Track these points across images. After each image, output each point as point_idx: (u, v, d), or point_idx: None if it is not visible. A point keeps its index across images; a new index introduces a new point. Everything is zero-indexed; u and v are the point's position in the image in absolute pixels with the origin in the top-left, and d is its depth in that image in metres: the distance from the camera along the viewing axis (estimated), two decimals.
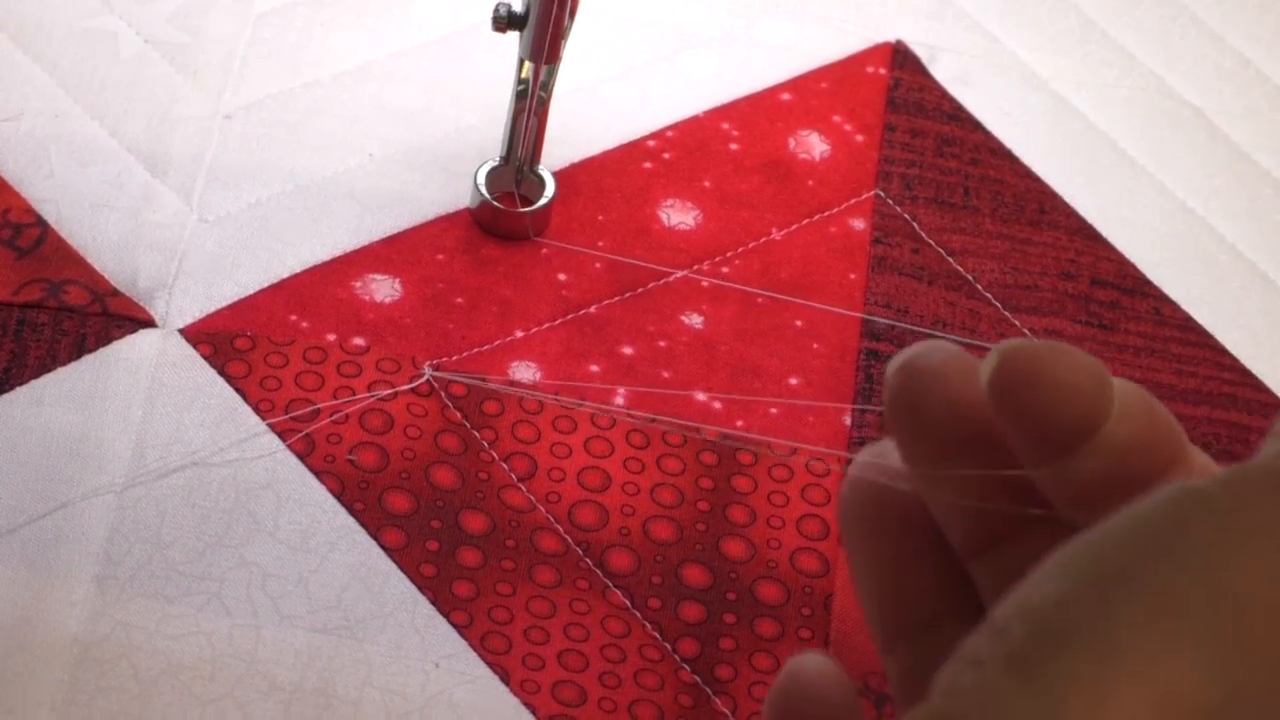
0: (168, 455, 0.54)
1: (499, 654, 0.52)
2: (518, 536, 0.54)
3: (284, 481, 0.54)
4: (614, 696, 0.52)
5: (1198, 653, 0.24)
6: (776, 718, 0.31)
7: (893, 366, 0.31)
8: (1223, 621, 0.24)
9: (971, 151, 0.67)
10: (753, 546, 0.55)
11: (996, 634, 0.25)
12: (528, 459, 0.56)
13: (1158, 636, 0.24)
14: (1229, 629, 0.24)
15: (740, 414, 0.58)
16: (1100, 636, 0.24)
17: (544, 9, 0.56)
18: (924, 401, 0.31)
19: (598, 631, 0.53)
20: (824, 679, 0.31)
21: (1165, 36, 0.73)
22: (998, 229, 0.65)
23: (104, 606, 0.50)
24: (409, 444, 0.55)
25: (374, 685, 0.50)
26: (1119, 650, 0.24)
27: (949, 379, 0.31)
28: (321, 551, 0.53)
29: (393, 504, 0.54)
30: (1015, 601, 0.25)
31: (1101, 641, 0.24)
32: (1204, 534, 0.25)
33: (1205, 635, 0.24)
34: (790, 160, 0.65)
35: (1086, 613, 0.24)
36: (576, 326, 0.59)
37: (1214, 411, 0.62)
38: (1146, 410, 0.29)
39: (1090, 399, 0.29)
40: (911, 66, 0.69)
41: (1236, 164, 0.70)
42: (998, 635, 0.25)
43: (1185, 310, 0.65)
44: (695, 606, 0.54)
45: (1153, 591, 0.24)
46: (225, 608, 0.51)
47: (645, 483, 0.56)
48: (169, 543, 0.52)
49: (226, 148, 0.62)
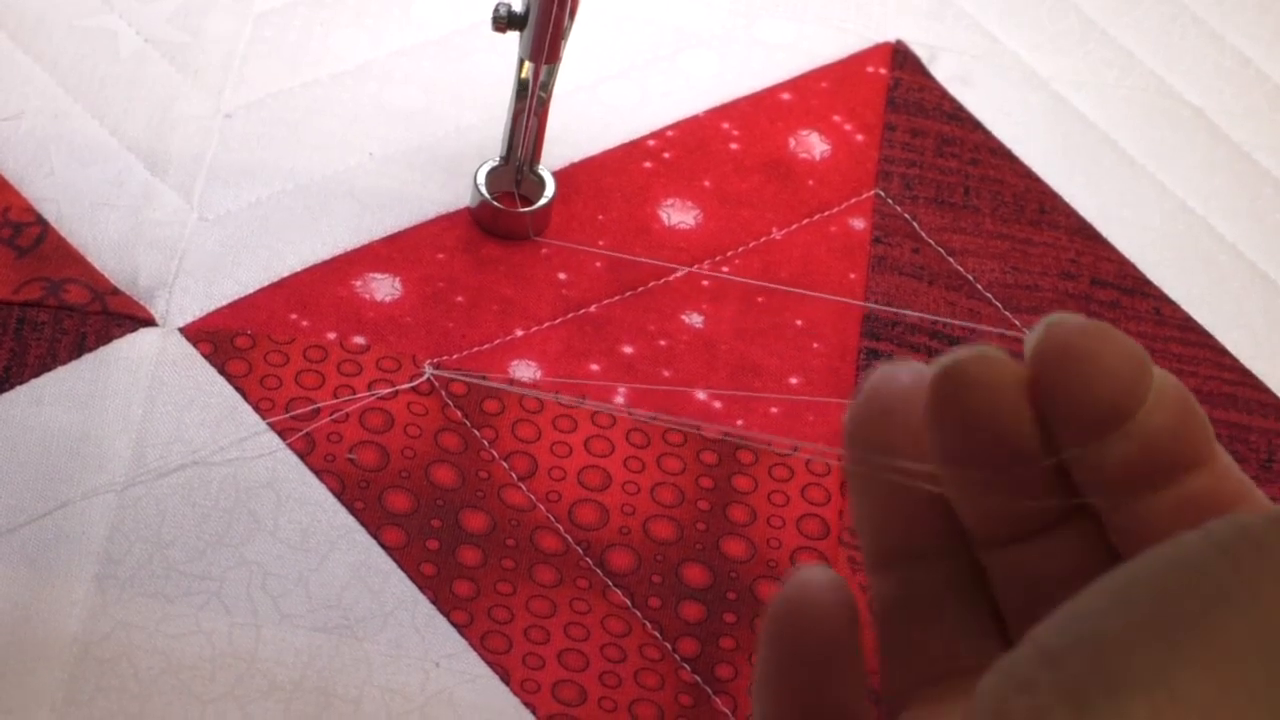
0: (168, 454, 0.54)
1: (499, 653, 0.52)
2: (518, 535, 0.54)
3: (284, 480, 0.54)
4: (614, 696, 0.51)
5: (1253, 706, 0.24)
6: (777, 627, 0.31)
7: (936, 369, 0.31)
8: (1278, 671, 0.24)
9: (971, 151, 0.67)
10: (753, 546, 0.55)
11: (1049, 660, 0.25)
12: (528, 458, 0.56)
13: (1214, 687, 0.24)
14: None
15: (741, 413, 0.58)
16: (1157, 682, 0.24)
17: (544, 9, 0.56)
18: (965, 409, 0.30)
19: (598, 631, 0.53)
20: (827, 592, 0.31)
21: (1165, 36, 0.73)
22: (998, 229, 0.65)
23: (104, 605, 0.50)
24: (409, 443, 0.55)
25: (374, 684, 0.50)
26: (1175, 700, 0.23)
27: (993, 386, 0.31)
28: (322, 550, 0.53)
29: (393, 503, 0.54)
30: (1068, 629, 0.25)
31: (1158, 688, 0.24)
32: (1258, 579, 0.24)
33: (1261, 687, 0.24)
34: (790, 160, 0.65)
35: (1144, 656, 0.24)
36: (577, 325, 0.59)
37: (1214, 411, 0.62)
38: (1181, 402, 0.29)
39: (1130, 383, 0.29)
40: (911, 66, 0.69)
41: (1236, 164, 0.70)
42: (1051, 662, 0.25)
43: (1185, 310, 0.65)
44: (695, 606, 0.54)
45: (1209, 639, 0.24)
46: (225, 607, 0.51)
47: (645, 482, 0.56)
48: (169, 542, 0.52)
49: (227, 146, 0.62)
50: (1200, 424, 0.29)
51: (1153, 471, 0.29)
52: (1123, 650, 0.24)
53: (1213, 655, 0.24)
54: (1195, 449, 0.29)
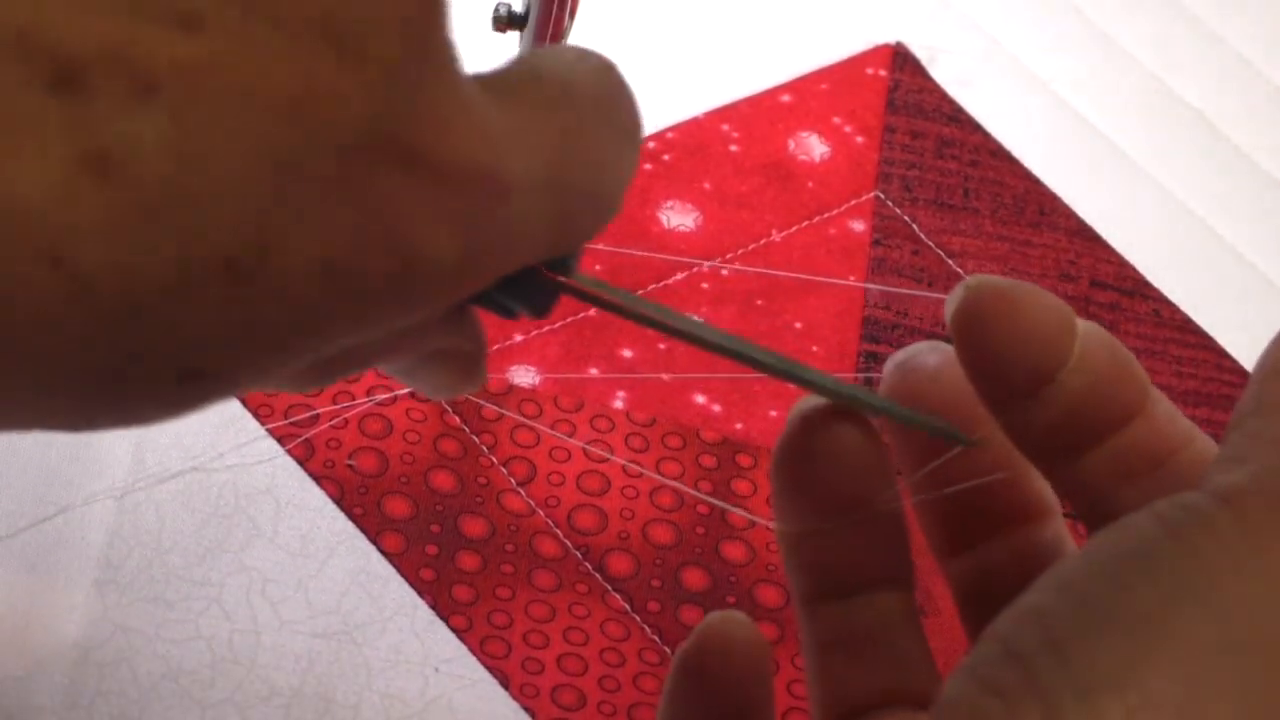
0: (167, 460, 0.54)
1: (498, 658, 0.52)
2: (517, 541, 0.54)
3: (283, 486, 0.54)
4: (613, 700, 0.52)
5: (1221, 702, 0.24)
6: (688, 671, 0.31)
7: (890, 365, 0.31)
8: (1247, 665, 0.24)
9: (971, 153, 0.67)
10: (752, 549, 0.55)
11: (1016, 660, 0.24)
12: (527, 463, 0.56)
13: (1184, 689, 0.23)
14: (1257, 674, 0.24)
15: (740, 416, 0.58)
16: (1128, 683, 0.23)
17: (544, 9, 0.56)
18: (919, 400, 0.31)
19: (597, 635, 0.53)
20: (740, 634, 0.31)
21: (1165, 36, 0.73)
22: (997, 230, 0.65)
23: (104, 611, 0.51)
24: (408, 449, 0.55)
25: (373, 690, 0.51)
26: (1148, 703, 0.23)
27: (944, 379, 0.31)
28: (321, 556, 0.53)
29: (392, 509, 0.54)
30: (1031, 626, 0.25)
31: (1130, 689, 0.23)
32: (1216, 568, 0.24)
33: (1231, 684, 0.24)
34: (790, 162, 0.65)
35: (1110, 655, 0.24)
36: (575, 329, 0.59)
37: (1214, 413, 0.62)
38: (1109, 357, 0.29)
39: (1050, 343, 0.28)
40: (911, 68, 0.69)
41: (1236, 164, 0.69)
42: (1018, 662, 0.24)
43: (1185, 312, 0.65)
44: (695, 610, 0.54)
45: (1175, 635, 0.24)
46: (225, 612, 0.51)
47: (644, 486, 0.56)
48: (169, 547, 0.52)
49: None
50: (1131, 376, 0.29)
51: (1082, 430, 0.28)
52: (1087, 649, 0.24)
53: (1180, 653, 0.24)
54: (1125, 403, 0.29)
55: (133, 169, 0.19)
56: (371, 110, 0.21)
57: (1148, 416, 0.29)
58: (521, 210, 0.24)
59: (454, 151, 0.22)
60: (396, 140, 0.22)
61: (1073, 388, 0.28)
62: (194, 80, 0.19)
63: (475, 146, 0.23)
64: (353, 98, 0.21)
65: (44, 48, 0.19)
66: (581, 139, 0.26)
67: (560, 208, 0.26)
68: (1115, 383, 0.29)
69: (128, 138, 0.19)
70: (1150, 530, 0.25)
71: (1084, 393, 0.28)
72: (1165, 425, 0.29)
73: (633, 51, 0.68)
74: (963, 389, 0.30)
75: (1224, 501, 0.25)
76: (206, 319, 0.21)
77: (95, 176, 0.19)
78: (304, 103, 0.20)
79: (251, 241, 0.20)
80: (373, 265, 0.22)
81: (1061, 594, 0.25)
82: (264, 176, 0.20)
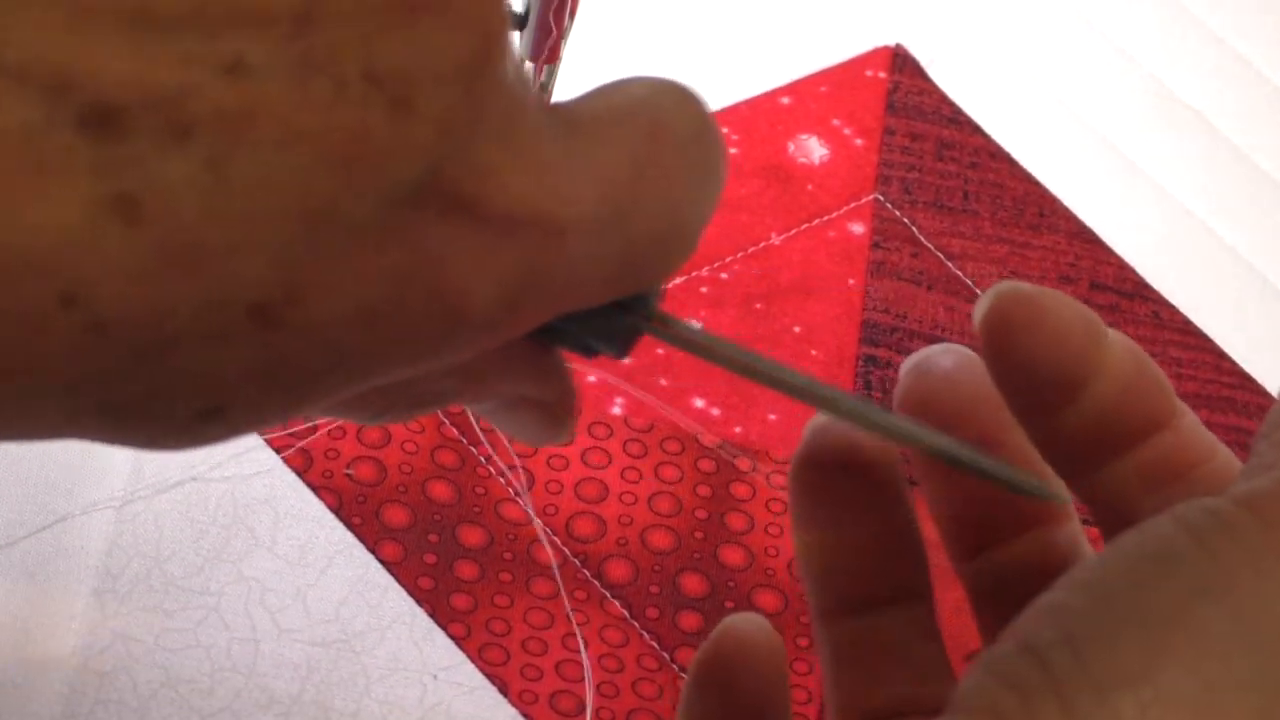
0: (166, 470, 0.54)
1: (497, 665, 0.52)
2: (515, 549, 0.54)
3: (282, 496, 0.54)
4: (612, 706, 0.52)
5: (1239, 699, 0.24)
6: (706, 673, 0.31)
7: (905, 367, 0.31)
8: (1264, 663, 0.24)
9: (971, 155, 0.67)
10: (751, 554, 0.55)
11: (1034, 657, 0.24)
12: (524, 472, 0.56)
13: (1200, 683, 0.24)
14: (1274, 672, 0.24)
15: (739, 420, 0.58)
16: (1144, 680, 0.23)
17: (544, 9, 0.56)
18: (935, 403, 0.31)
19: (595, 641, 0.53)
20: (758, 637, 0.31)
21: (1165, 37, 0.73)
22: (997, 232, 0.65)
23: (103, 619, 0.51)
24: (406, 458, 0.55)
25: (372, 698, 0.51)
26: (1162, 700, 0.23)
27: (959, 382, 0.31)
28: (319, 565, 0.53)
29: (390, 518, 0.54)
30: (1050, 625, 0.25)
31: (1145, 686, 0.24)
32: (1235, 569, 0.24)
33: (1246, 680, 0.24)
34: (789, 164, 0.65)
35: (1128, 653, 0.24)
36: None
37: (1213, 415, 0.62)
38: (1137, 368, 0.29)
39: (1080, 352, 0.28)
40: (911, 70, 0.69)
41: (1236, 165, 0.69)
42: (1036, 659, 0.24)
43: (1184, 314, 0.65)
44: (693, 615, 0.54)
45: (1192, 634, 0.24)
46: (224, 621, 0.51)
47: (643, 492, 0.56)
48: (167, 557, 0.52)
49: None
50: (1159, 387, 0.29)
51: (1109, 440, 0.28)
52: (1105, 646, 0.24)
53: (1197, 650, 0.24)
54: (1153, 413, 0.29)
55: (159, 212, 0.19)
56: (421, 164, 0.21)
57: (1174, 428, 0.29)
58: (580, 250, 0.24)
59: (504, 195, 0.22)
60: (442, 190, 0.21)
61: (1102, 397, 0.28)
62: (234, 127, 0.19)
63: (528, 189, 0.22)
64: (402, 152, 0.20)
65: (79, 87, 0.19)
66: (654, 174, 0.25)
67: (626, 247, 0.25)
68: (1143, 393, 0.29)
69: (157, 180, 0.19)
70: (1171, 532, 0.25)
71: (1113, 402, 0.28)
72: (1190, 438, 0.29)
73: (632, 53, 0.68)
74: (978, 392, 0.30)
75: (1246, 505, 0.25)
76: (229, 361, 0.20)
77: (119, 217, 0.19)
78: (350, 156, 0.20)
79: (282, 288, 0.20)
80: (410, 310, 0.21)
81: (1080, 592, 0.25)
82: (298, 225, 0.20)
